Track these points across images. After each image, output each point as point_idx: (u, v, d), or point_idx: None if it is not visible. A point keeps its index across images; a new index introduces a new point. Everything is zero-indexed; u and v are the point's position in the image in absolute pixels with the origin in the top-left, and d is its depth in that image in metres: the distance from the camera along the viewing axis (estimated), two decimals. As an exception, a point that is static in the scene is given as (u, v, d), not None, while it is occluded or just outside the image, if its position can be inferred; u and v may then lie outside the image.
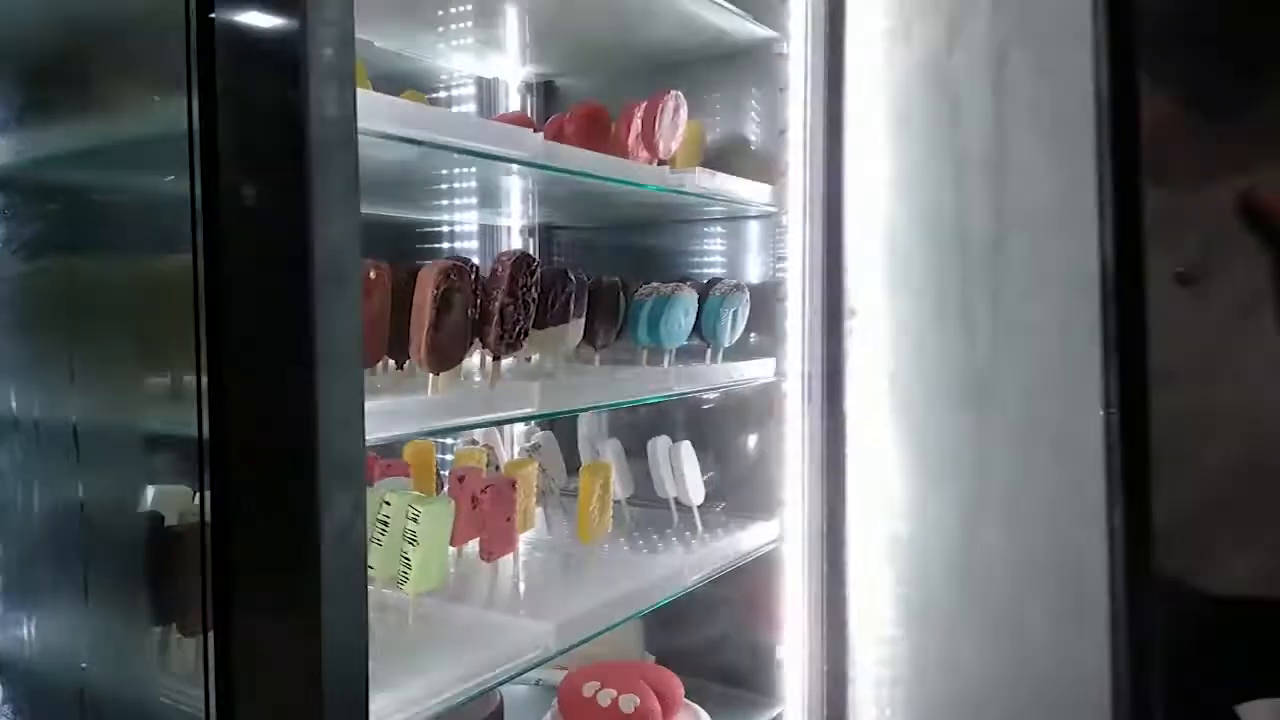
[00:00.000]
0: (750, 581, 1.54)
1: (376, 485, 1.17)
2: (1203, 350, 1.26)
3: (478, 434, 1.78)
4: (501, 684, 0.95)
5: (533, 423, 1.82)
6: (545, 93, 1.72)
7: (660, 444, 1.52)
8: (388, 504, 1.07)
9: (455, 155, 0.85)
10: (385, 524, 1.07)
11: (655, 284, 1.38)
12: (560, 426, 1.77)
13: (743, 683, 1.59)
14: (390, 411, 0.80)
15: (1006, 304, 1.38)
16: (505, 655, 0.98)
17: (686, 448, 1.51)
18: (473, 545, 1.31)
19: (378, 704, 0.82)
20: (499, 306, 0.91)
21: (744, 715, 1.53)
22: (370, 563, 1.08)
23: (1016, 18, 1.38)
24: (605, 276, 1.31)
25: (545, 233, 1.74)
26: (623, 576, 1.23)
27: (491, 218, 1.63)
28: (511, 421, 0.94)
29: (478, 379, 1.07)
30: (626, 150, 1.25)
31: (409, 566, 1.04)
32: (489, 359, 0.96)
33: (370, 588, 1.18)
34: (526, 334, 0.95)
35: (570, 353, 1.24)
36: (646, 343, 1.36)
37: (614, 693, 1.38)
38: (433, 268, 0.85)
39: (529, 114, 1.65)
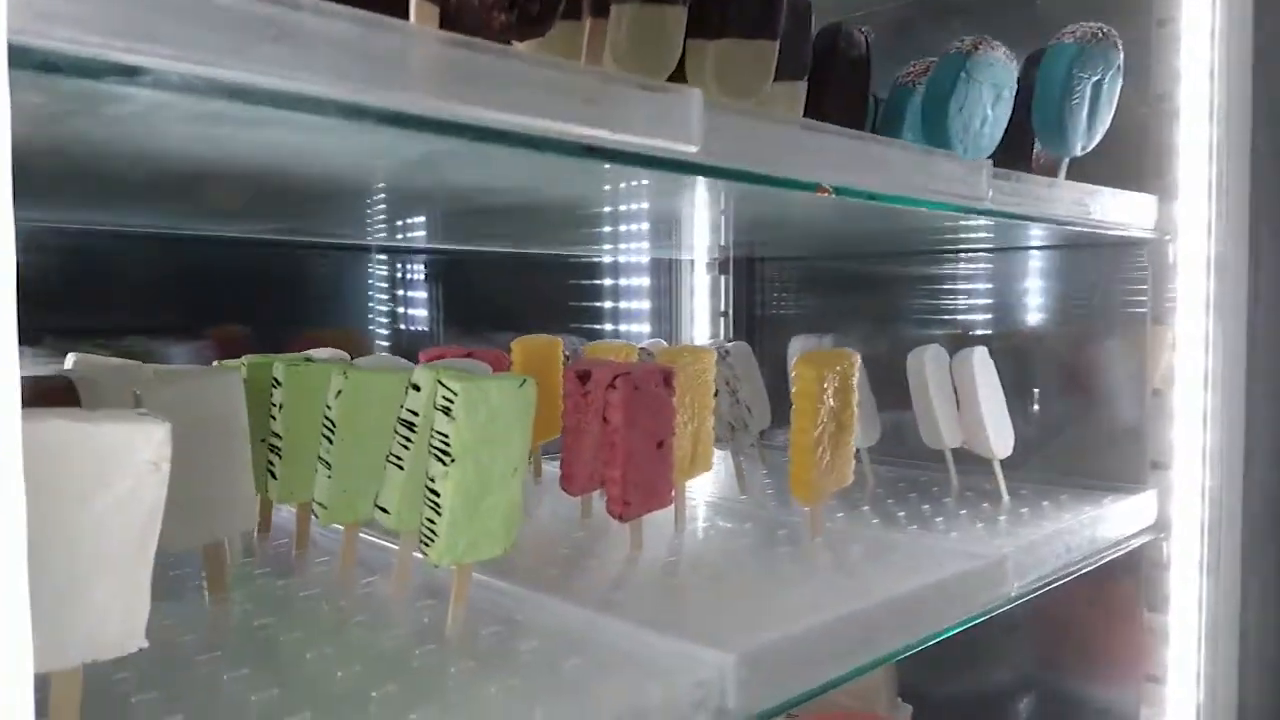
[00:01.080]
0: (1089, 595, 0.89)
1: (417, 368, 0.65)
2: None
3: (645, 326, 1.24)
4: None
5: (721, 337, 1.25)
6: None
7: (931, 356, 0.90)
8: (416, 389, 0.54)
9: None
10: (410, 429, 0.54)
11: (929, 59, 0.77)
12: (763, 337, 1.19)
13: (1075, 772, 0.94)
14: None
15: None
16: (628, 715, 0.42)
17: (981, 359, 0.88)
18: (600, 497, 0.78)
19: None
20: None
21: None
22: (383, 502, 0.55)
23: None
24: (846, 24, 0.72)
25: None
26: (877, 569, 0.63)
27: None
28: (614, 157, 0.37)
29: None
30: None
31: (436, 509, 0.50)
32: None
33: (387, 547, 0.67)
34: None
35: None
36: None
37: (850, 774, 0.80)
38: None
39: None
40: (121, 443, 0.35)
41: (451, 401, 0.50)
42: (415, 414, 0.54)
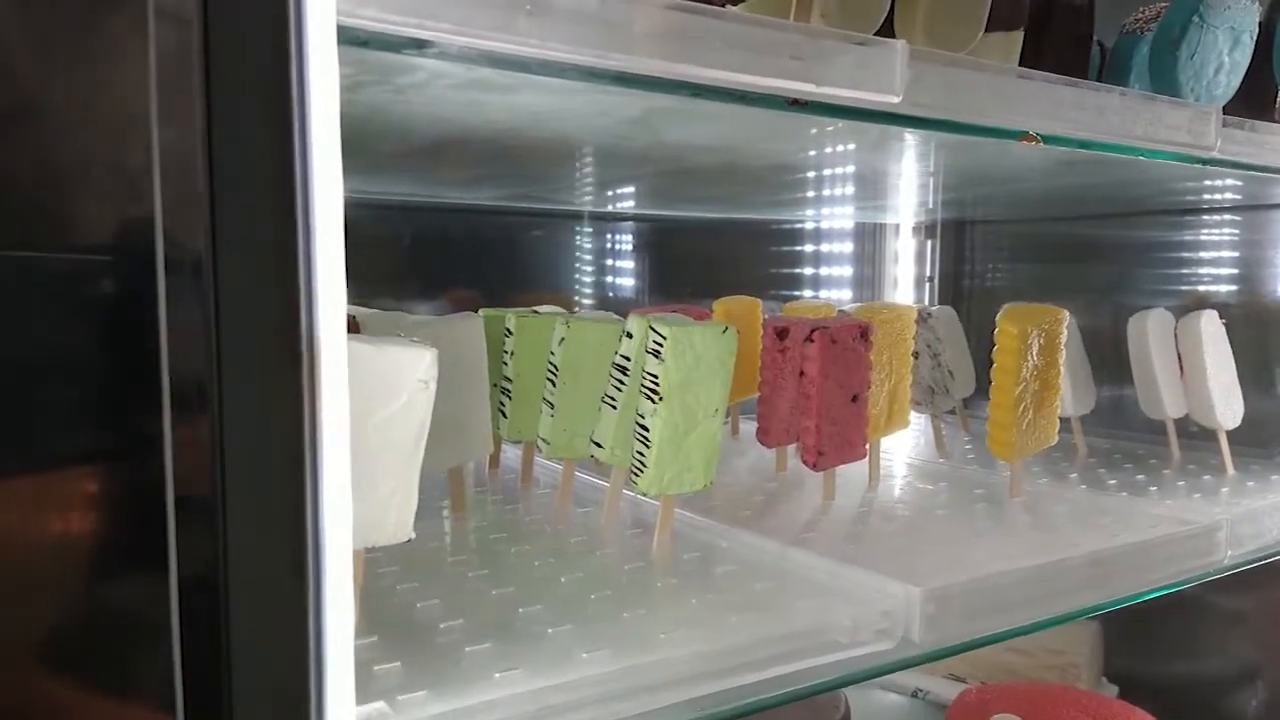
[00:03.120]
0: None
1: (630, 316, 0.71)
2: None
3: (846, 293, 1.24)
4: (760, 707, 0.43)
5: (928, 300, 1.24)
6: None
7: (1154, 320, 0.86)
8: (629, 336, 0.60)
9: None
10: (623, 373, 0.60)
11: (1160, 3, 0.73)
12: (972, 306, 1.16)
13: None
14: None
15: None
16: (812, 633, 0.46)
17: (1209, 321, 0.83)
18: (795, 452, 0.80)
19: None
20: None
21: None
22: (597, 438, 0.62)
23: None
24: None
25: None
26: (1078, 528, 0.62)
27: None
28: (818, 110, 0.40)
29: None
30: None
31: (645, 443, 0.56)
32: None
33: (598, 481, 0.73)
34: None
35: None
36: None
37: (1047, 742, 0.79)
38: None
39: None
40: (399, 363, 0.42)
41: (661, 345, 0.55)
42: (628, 359, 0.60)
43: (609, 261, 1.14)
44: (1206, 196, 0.97)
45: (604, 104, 0.40)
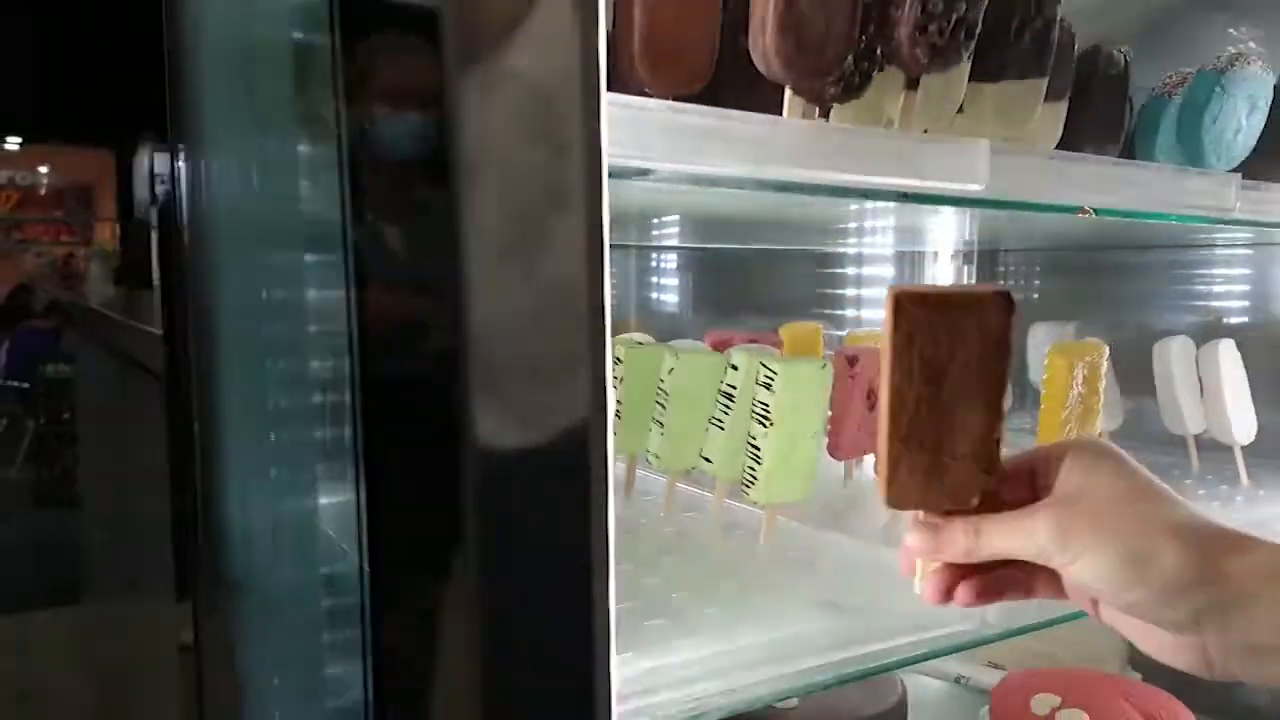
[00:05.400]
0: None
1: (728, 351, 0.82)
2: None
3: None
4: (895, 666, 0.53)
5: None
6: None
7: (1177, 347, 0.96)
8: (734, 368, 0.71)
9: None
10: (729, 399, 0.71)
11: (1185, 70, 0.83)
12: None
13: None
14: (668, 128, 0.41)
15: None
16: (912, 614, 0.56)
17: (1227, 350, 0.93)
18: (869, 464, 0.91)
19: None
20: (916, -31, 0.48)
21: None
22: (707, 454, 0.73)
23: None
24: (1105, 46, 0.80)
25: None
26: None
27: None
28: (919, 199, 0.51)
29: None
30: None
31: (757, 460, 0.66)
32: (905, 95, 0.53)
33: (704, 493, 0.84)
34: (971, 34, 0.50)
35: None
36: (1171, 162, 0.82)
37: (1084, 716, 0.89)
38: None
39: None
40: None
41: (773, 379, 0.66)
42: (734, 388, 0.71)
43: (655, 295, 1.24)
44: (1224, 243, 1.08)
45: (765, 200, 0.51)
